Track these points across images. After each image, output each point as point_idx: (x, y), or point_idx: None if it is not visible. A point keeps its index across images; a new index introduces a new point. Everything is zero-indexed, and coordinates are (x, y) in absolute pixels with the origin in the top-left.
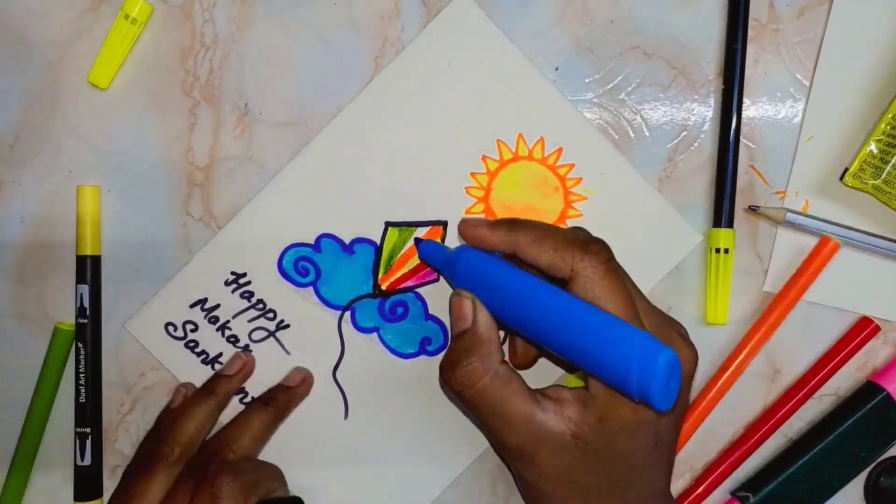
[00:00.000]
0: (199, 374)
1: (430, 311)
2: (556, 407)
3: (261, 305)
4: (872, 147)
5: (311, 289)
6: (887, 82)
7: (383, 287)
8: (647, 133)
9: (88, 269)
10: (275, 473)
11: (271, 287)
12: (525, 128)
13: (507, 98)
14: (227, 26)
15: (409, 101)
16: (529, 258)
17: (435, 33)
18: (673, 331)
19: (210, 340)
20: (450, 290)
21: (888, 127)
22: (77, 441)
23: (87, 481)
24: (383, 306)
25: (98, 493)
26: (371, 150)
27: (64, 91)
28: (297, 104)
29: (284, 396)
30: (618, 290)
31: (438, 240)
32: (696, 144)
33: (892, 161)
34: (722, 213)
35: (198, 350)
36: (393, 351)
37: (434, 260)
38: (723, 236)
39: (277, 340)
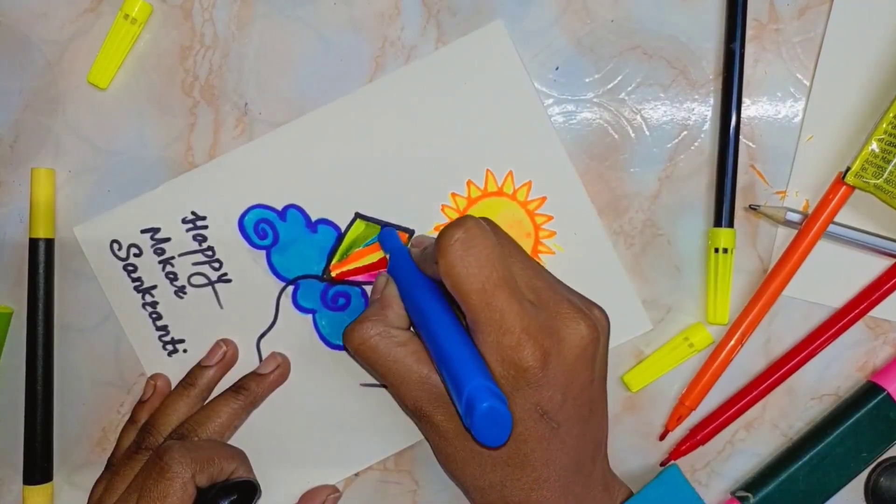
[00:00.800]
0: (129, 298)
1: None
2: None
3: (210, 252)
4: (874, 146)
5: (263, 252)
6: (888, 82)
7: (333, 273)
8: (647, 133)
9: (41, 252)
10: (234, 455)
11: (226, 238)
12: (517, 167)
13: (509, 133)
14: (226, 26)
15: (413, 106)
16: (430, 273)
17: (461, 49)
18: (561, 305)
19: (149, 270)
20: None
21: (890, 126)
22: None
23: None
24: (327, 292)
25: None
26: (364, 140)
27: (64, 91)
28: (296, 104)
29: (256, 385)
30: (469, 273)
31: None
32: (696, 144)
33: (894, 160)
34: (722, 213)
35: (134, 275)
36: (323, 337)
37: (384, 245)
38: (723, 236)
39: (215, 291)
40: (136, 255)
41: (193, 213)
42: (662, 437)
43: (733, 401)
